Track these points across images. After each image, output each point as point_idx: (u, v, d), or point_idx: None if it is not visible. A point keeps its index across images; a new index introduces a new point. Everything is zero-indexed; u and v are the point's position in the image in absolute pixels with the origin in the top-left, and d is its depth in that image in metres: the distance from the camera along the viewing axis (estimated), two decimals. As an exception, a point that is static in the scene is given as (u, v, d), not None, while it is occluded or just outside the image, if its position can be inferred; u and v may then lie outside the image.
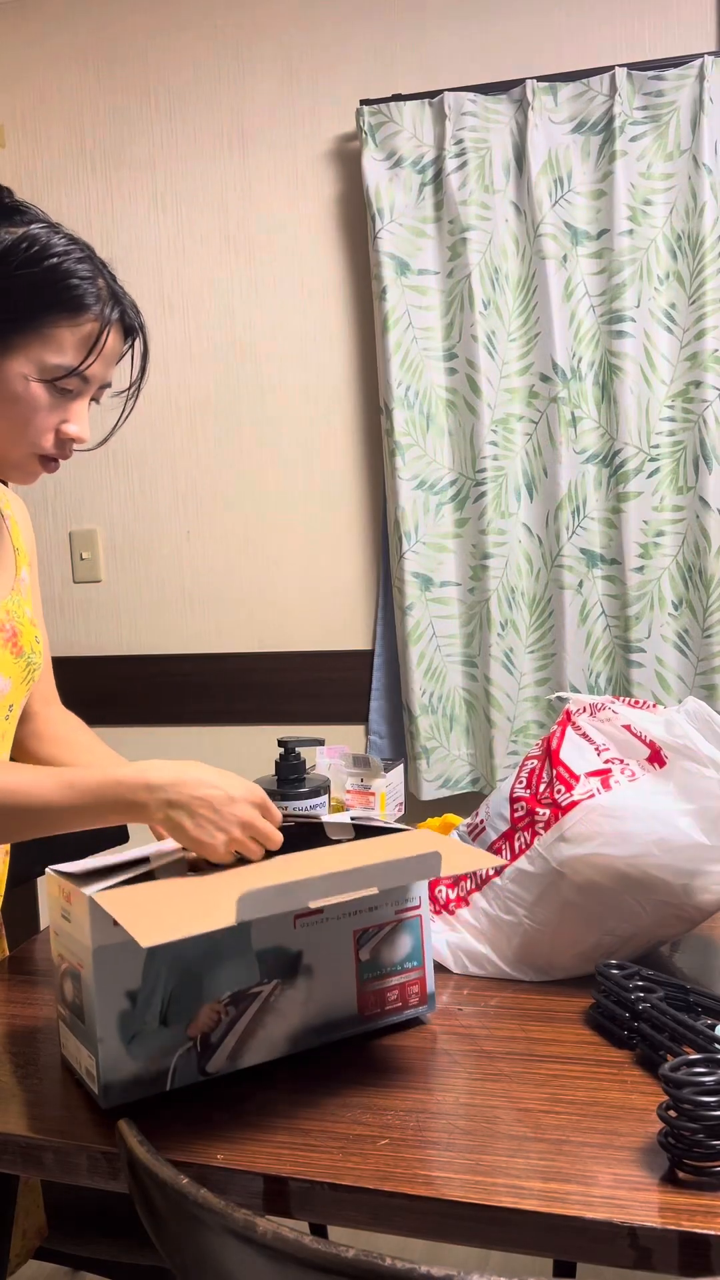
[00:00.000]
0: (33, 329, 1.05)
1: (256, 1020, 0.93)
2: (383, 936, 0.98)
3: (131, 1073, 0.88)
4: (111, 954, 0.87)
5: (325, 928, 0.95)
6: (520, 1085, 0.90)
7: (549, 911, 1.08)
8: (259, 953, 0.93)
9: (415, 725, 2.40)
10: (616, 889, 1.05)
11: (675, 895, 1.05)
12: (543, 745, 1.18)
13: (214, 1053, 0.92)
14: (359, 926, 0.97)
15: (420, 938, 1.00)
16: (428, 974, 1.01)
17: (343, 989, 0.96)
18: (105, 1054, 0.87)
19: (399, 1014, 1.00)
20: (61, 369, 1.06)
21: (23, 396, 1.06)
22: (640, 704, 1.18)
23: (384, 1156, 0.80)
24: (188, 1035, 0.90)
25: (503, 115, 2.27)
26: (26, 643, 1.23)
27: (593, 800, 1.07)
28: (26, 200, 1.13)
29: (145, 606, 2.66)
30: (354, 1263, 0.59)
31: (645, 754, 1.10)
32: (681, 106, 2.18)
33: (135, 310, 1.13)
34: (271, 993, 0.93)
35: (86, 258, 1.08)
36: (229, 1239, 0.65)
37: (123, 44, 2.54)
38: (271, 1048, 0.94)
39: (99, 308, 1.07)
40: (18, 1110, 0.90)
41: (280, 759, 1.45)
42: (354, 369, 2.48)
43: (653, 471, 2.25)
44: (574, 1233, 0.72)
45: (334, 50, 2.41)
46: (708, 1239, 0.70)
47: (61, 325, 1.06)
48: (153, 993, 0.89)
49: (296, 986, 0.94)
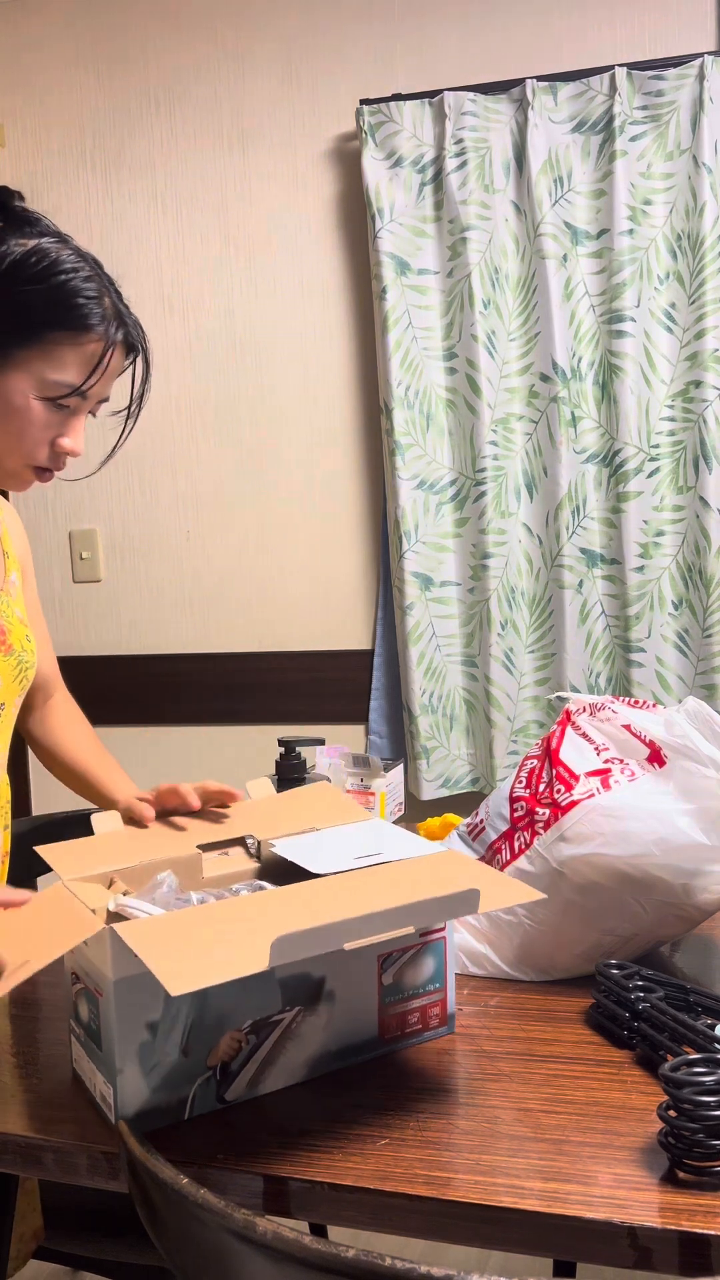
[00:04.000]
0: (36, 344, 1.05)
1: (277, 1048, 0.91)
2: (406, 960, 0.96)
3: (149, 1103, 0.87)
4: (133, 986, 0.85)
5: (350, 954, 0.93)
6: (520, 1085, 0.90)
7: (549, 911, 1.08)
8: (282, 980, 0.90)
9: (415, 725, 2.40)
10: (616, 889, 1.05)
11: (675, 895, 1.05)
12: (542, 745, 1.18)
13: (233, 1081, 0.90)
14: (384, 951, 0.95)
15: (443, 959, 0.99)
16: (449, 995, 0.99)
17: (364, 1013, 0.95)
18: (124, 1085, 0.85)
19: (419, 1036, 0.98)
20: (62, 386, 1.06)
21: (21, 410, 1.06)
22: (640, 704, 1.18)
23: (384, 1156, 0.80)
24: (207, 1065, 0.88)
25: (503, 115, 2.27)
26: (16, 641, 1.23)
27: (592, 800, 1.07)
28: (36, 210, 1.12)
29: (145, 606, 2.66)
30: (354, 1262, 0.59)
31: (645, 754, 1.10)
32: (681, 106, 2.18)
33: (139, 329, 1.13)
34: (293, 1020, 0.91)
35: (94, 275, 1.08)
36: (229, 1239, 0.65)
37: (123, 44, 2.54)
38: (291, 1074, 0.92)
39: (103, 327, 1.07)
40: (18, 1110, 0.90)
41: (280, 759, 1.45)
42: (354, 368, 2.48)
43: (653, 471, 2.25)
44: (574, 1233, 0.72)
45: (334, 50, 2.41)
46: (708, 1239, 0.70)
47: (65, 343, 1.06)
48: (174, 1024, 0.87)
49: (318, 1012, 0.92)
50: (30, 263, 1.04)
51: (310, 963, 0.91)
